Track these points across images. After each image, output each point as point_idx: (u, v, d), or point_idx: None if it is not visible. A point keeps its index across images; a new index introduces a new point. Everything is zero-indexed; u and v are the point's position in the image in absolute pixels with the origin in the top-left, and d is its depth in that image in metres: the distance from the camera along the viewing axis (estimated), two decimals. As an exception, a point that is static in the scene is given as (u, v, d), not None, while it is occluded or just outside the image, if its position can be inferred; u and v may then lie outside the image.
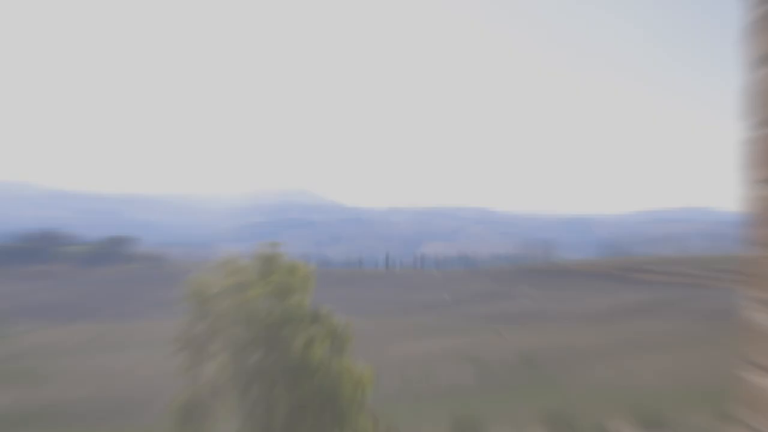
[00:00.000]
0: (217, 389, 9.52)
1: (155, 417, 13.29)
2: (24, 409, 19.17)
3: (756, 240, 0.79)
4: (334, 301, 11.24)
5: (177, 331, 9.71)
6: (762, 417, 0.75)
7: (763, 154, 0.80)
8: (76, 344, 28.20)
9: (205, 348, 9.65)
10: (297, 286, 10.02)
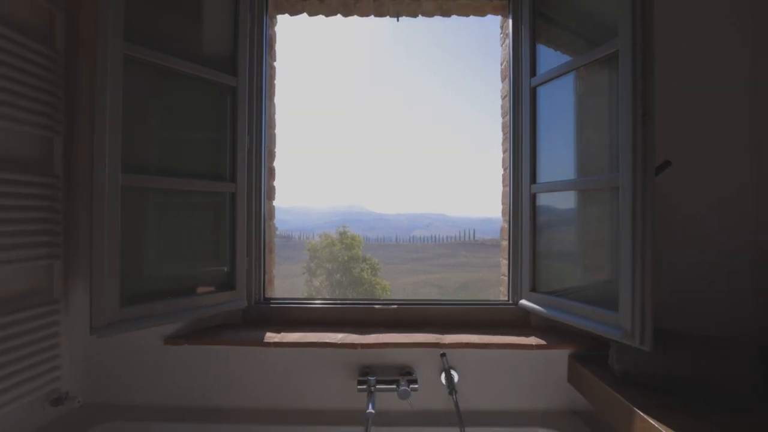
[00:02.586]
0: (320, 291, 21.32)
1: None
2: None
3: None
4: (372, 254, 23.12)
5: (303, 267, 21.27)
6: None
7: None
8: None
9: (315, 273, 21.30)
10: (355, 245, 21.58)
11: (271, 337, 1.54)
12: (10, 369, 1.25)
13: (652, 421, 1.05)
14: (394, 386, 1.46)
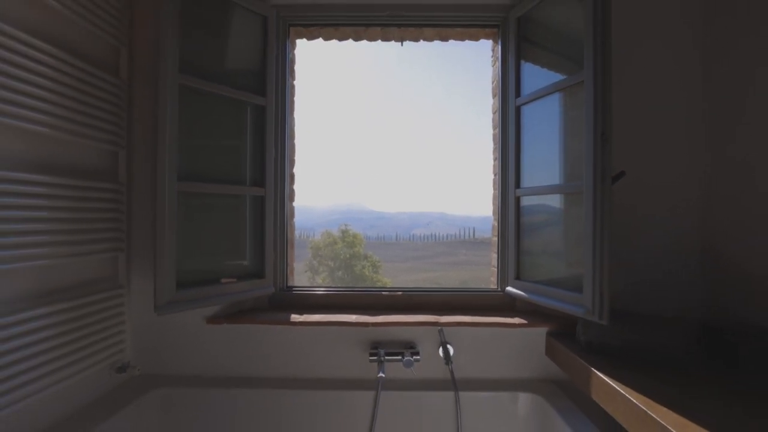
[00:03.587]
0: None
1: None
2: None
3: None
4: (372, 252, 23.45)
5: (305, 265, 21.58)
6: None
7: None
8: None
9: (317, 270, 21.61)
10: (356, 243, 21.88)
11: (295, 317, 1.83)
12: (87, 341, 1.55)
13: (604, 377, 1.34)
14: (400, 357, 1.75)
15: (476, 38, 2.23)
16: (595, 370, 1.40)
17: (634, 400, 1.18)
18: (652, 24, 1.84)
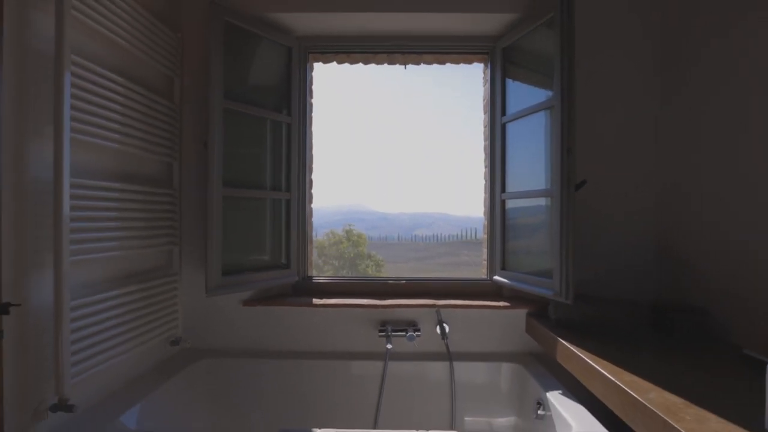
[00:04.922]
0: (326, 286, 22.04)
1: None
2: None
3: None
4: (376, 251, 23.80)
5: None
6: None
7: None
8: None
9: (322, 269, 21.94)
10: (360, 243, 22.22)
11: (317, 301, 2.19)
12: (149, 318, 1.90)
13: (566, 344, 1.69)
14: (404, 333, 2.10)
15: (470, 62, 2.58)
16: (561, 339, 1.74)
17: (585, 358, 1.53)
18: (617, 45, 2.17)
